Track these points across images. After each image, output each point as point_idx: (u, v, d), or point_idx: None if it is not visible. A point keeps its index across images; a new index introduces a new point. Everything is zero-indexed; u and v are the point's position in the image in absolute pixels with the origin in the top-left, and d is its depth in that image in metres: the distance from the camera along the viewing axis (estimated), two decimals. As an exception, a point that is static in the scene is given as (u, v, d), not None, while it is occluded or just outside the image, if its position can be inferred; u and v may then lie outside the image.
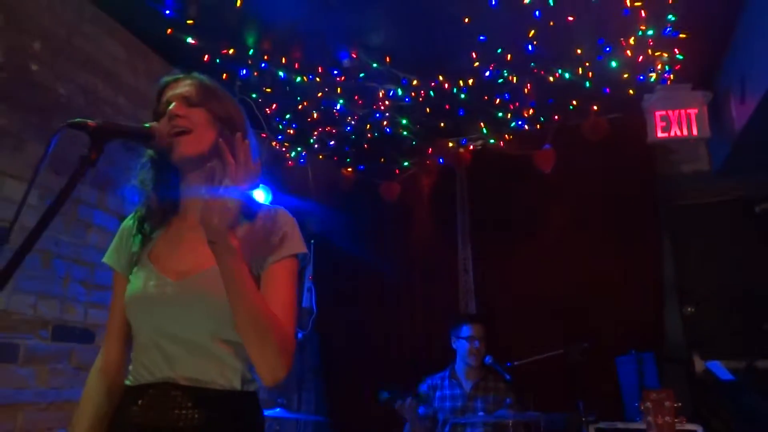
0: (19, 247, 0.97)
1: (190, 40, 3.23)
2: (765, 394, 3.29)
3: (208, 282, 1.22)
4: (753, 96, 3.24)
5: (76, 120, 1.07)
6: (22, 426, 2.42)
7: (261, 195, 3.59)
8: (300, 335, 4.46)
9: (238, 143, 1.12)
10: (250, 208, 1.30)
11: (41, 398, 2.52)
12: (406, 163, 4.48)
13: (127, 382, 1.29)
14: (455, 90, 3.70)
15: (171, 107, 1.28)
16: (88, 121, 1.07)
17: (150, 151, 1.35)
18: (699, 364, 3.77)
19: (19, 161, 2.50)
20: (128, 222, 1.43)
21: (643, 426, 3.09)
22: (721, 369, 3.36)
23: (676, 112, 3.74)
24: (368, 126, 4.15)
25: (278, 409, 3.41)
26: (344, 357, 4.48)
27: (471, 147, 4.39)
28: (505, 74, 3.54)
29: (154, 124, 1.25)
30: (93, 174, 2.64)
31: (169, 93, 1.33)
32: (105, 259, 1.42)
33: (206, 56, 3.34)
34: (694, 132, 3.69)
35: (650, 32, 3.17)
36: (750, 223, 4.13)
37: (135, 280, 1.31)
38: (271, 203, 1.32)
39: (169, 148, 1.25)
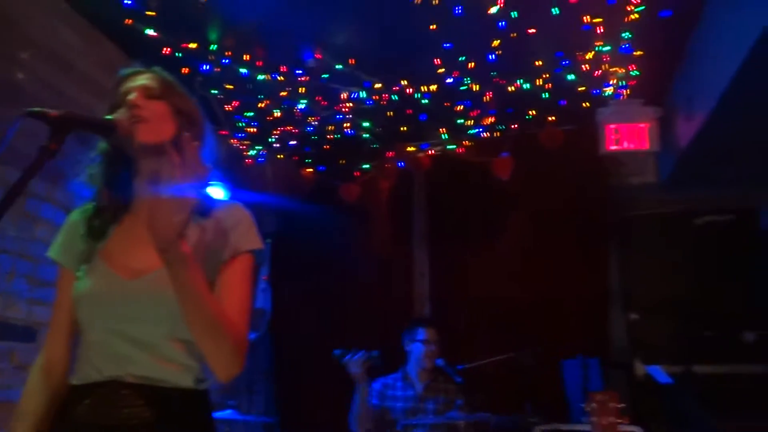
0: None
1: (150, 31, 3.16)
2: (700, 398, 3.46)
3: (162, 282, 1.20)
4: (698, 115, 3.40)
5: (36, 109, 1.03)
6: (-42, 426, 2.31)
7: (219, 193, 3.54)
8: (253, 336, 4.41)
9: (185, 142, 1.09)
10: (206, 205, 1.29)
11: (-21, 397, 2.42)
12: (366, 166, 4.49)
13: (73, 381, 1.25)
14: (417, 95, 3.74)
15: (130, 97, 1.26)
16: (49, 111, 1.04)
17: (102, 145, 1.32)
18: (640, 369, 3.93)
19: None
20: (75, 216, 1.38)
21: (586, 428, 3.19)
22: (660, 373, 3.51)
23: (628, 125, 3.89)
24: (330, 127, 4.15)
25: (229, 411, 3.37)
26: (297, 358, 4.45)
27: (431, 152, 4.44)
28: (467, 82, 3.60)
29: (116, 115, 1.22)
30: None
31: (128, 84, 1.30)
32: (50, 254, 1.37)
33: (167, 49, 3.27)
34: (645, 145, 3.85)
35: (607, 48, 3.28)
36: (691, 235, 4.34)
37: (85, 278, 1.27)
38: (228, 200, 1.32)
39: (129, 138, 1.22)
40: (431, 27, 3.15)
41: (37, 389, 1.30)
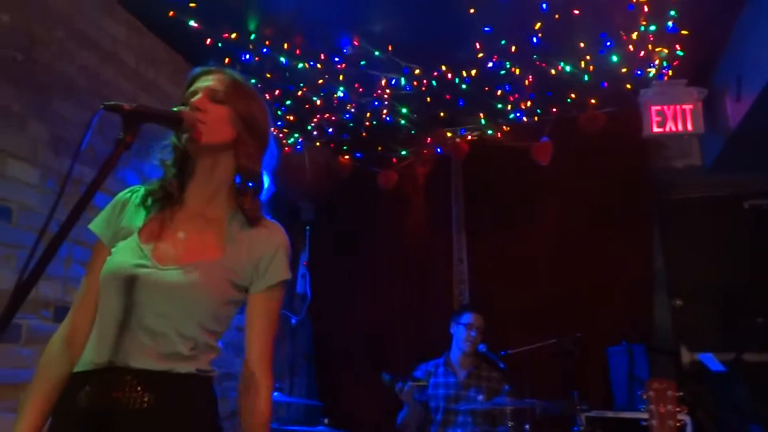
0: (51, 240, 0.97)
1: (192, 23, 3.20)
2: (752, 387, 3.39)
3: (193, 276, 1.22)
4: (748, 95, 3.30)
5: (112, 103, 1.07)
6: (23, 406, 2.41)
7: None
8: (294, 321, 4.48)
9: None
10: (256, 215, 1.36)
11: (41, 379, 2.51)
12: (403, 152, 4.49)
13: (74, 369, 1.25)
14: (457, 80, 3.71)
15: (194, 99, 1.30)
16: (124, 104, 1.08)
17: (173, 138, 1.35)
18: (686, 356, 3.86)
19: (22, 140, 2.48)
20: (124, 195, 1.40)
21: (634, 415, 3.17)
22: (712, 360, 3.44)
23: (672, 107, 3.79)
24: (367, 114, 4.15)
25: (275, 393, 3.44)
26: (337, 342, 4.51)
27: (469, 137, 4.41)
28: (508, 66, 3.56)
29: (182, 108, 1.26)
30: (94, 155, 2.62)
31: (197, 84, 1.34)
32: (91, 226, 1.37)
33: (208, 40, 3.31)
34: (689, 128, 3.74)
35: (652, 27, 3.20)
36: (739, 219, 4.23)
37: (118, 254, 1.27)
38: (269, 191, 1.34)
39: (189, 134, 1.26)
40: (471, 10, 3.12)
41: (57, 358, 1.29)
